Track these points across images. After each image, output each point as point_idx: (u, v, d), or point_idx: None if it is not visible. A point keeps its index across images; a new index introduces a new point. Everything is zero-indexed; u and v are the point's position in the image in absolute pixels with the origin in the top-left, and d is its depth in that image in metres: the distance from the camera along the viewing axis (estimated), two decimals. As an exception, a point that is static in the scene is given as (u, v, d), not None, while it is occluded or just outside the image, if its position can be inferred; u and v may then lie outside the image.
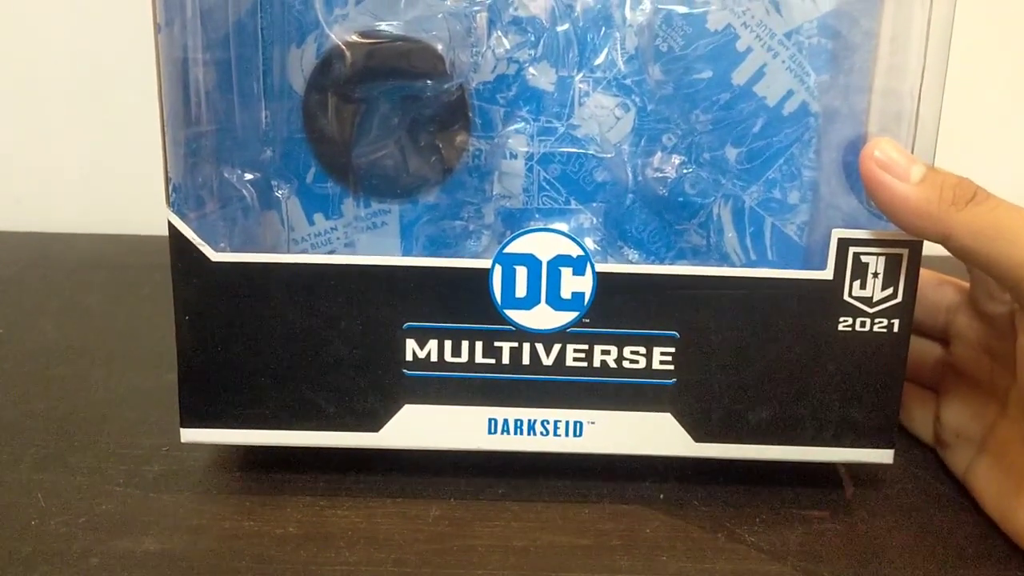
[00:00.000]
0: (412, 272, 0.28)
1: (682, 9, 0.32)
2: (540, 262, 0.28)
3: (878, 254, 0.28)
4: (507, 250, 0.27)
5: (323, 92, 0.32)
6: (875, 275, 0.28)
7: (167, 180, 0.26)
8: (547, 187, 0.35)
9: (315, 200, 0.34)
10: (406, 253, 0.35)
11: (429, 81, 0.31)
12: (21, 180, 0.50)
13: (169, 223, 0.26)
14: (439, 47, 0.32)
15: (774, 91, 0.33)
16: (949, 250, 0.29)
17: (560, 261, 0.28)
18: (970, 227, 0.28)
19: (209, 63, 0.29)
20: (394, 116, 0.32)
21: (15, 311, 0.41)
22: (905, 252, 0.28)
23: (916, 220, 0.28)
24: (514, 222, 0.35)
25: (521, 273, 0.28)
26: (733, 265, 0.35)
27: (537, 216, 0.35)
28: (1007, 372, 0.32)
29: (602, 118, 0.34)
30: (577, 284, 0.28)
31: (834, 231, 0.27)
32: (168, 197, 0.26)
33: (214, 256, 0.26)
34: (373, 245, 0.35)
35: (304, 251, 0.35)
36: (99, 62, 0.48)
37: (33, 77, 0.49)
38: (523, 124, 0.34)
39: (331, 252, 0.35)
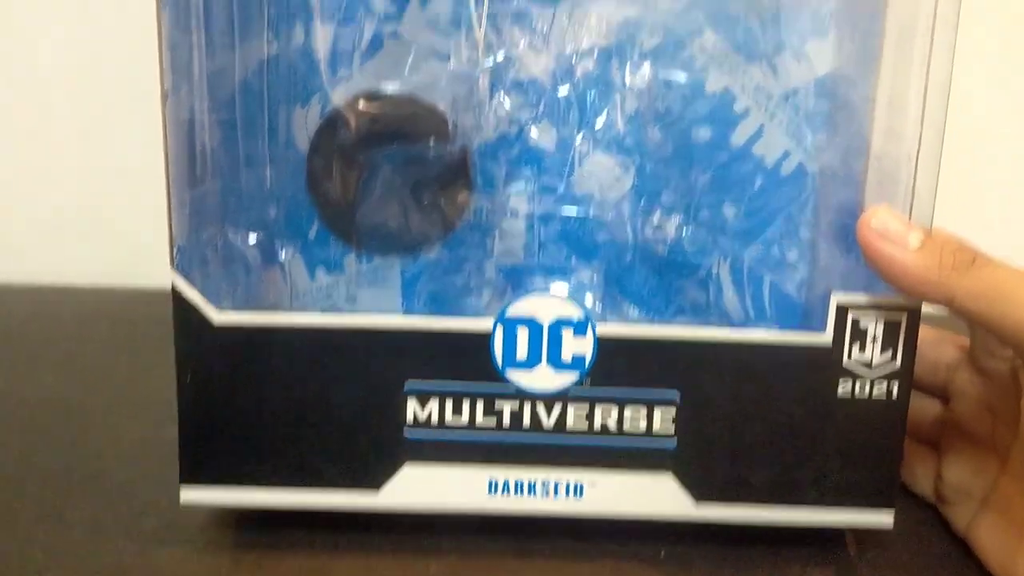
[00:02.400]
0: (414, 333, 0.28)
1: (680, 73, 0.33)
2: (541, 324, 0.28)
3: (877, 318, 0.28)
4: (509, 312, 0.28)
5: (326, 153, 0.33)
6: (874, 339, 0.28)
7: (172, 241, 0.26)
8: (548, 244, 0.35)
9: (317, 255, 0.34)
10: (407, 308, 0.35)
11: (432, 143, 0.31)
12: (22, 232, 0.51)
13: (172, 285, 0.26)
14: (442, 107, 0.33)
15: (772, 152, 0.34)
16: (952, 311, 0.29)
17: (562, 323, 0.28)
18: (971, 291, 0.28)
19: (215, 123, 0.29)
20: (397, 177, 0.32)
21: (15, 364, 0.41)
22: (904, 316, 0.28)
23: (918, 286, 0.28)
24: (515, 279, 0.35)
25: (522, 334, 0.28)
26: (732, 322, 0.35)
27: (538, 273, 0.35)
28: (1008, 429, 0.32)
29: (602, 177, 0.34)
30: (578, 346, 0.28)
31: (833, 295, 0.28)
32: (172, 258, 0.26)
33: (217, 317, 0.27)
34: (374, 300, 0.35)
35: (305, 306, 0.35)
36: (102, 114, 0.48)
37: (34, 128, 0.49)
38: (524, 183, 0.34)
39: (332, 307, 0.35)
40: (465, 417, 0.30)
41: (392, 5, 0.32)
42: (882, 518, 0.31)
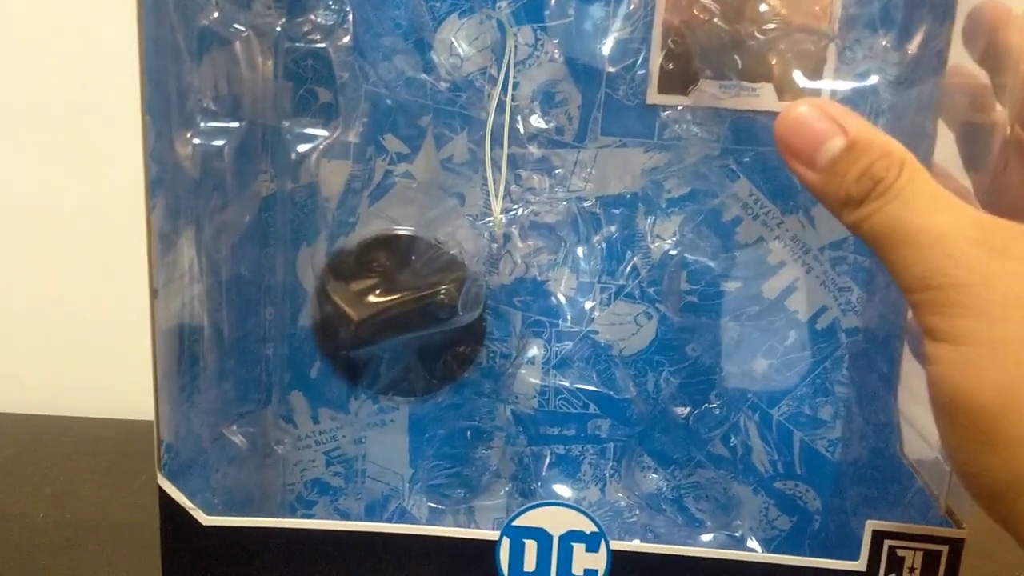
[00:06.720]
0: (415, 541, 0.26)
1: (710, 226, 0.30)
2: (551, 537, 0.26)
3: (915, 549, 0.25)
4: (516, 522, 0.25)
5: (333, 293, 0.31)
6: (911, 570, 0.25)
7: (159, 442, 0.24)
8: (563, 391, 0.33)
9: (320, 397, 0.33)
10: (415, 452, 0.33)
11: (446, 300, 0.29)
12: (24, 361, 0.50)
13: (159, 488, 0.24)
14: (456, 250, 0.31)
15: (807, 306, 0.31)
16: None
17: (572, 537, 0.26)
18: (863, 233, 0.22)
19: (213, 293, 0.27)
20: (408, 326, 0.31)
21: (8, 497, 0.41)
22: (945, 549, 0.25)
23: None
24: (527, 425, 0.33)
25: (530, 547, 0.25)
26: (760, 477, 0.33)
27: (552, 421, 0.33)
28: None
29: (623, 325, 0.32)
30: (590, 561, 0.25)
31: (868, 523, 0.25)
32: (159, 460, 0.24)
33: (205, 520, 0.25)
34: (381, 442, 0.33)
35: (308, 447, 0.34)
36: (105, 255, 0.47)
37: (38, 270, 0.49)
38: (541, 328, 0.32)
39: (336, 449, 0.34)
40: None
41: (405, 145, 0.30)
42: None
